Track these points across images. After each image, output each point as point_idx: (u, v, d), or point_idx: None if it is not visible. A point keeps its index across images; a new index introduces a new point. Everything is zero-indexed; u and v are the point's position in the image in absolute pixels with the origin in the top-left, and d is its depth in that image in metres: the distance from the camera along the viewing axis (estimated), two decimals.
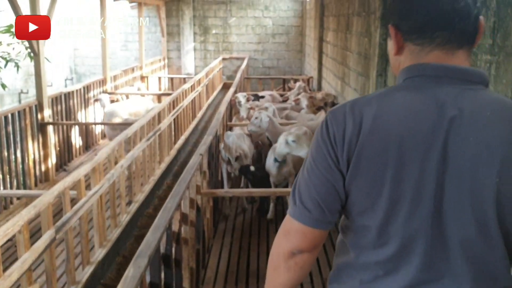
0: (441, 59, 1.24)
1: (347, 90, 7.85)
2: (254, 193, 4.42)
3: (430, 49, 1.25)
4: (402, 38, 1.29)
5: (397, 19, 1.29)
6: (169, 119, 7.72)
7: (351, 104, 1.27)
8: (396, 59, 1.33)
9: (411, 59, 1.28)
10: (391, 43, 1.35)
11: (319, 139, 1.28)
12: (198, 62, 17.45)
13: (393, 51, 1.32)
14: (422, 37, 1.25)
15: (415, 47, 1.27)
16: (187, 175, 3.86)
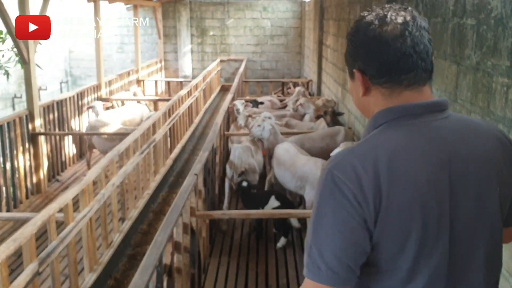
0: (413, 98, 1.32)
1: (348, 97, 7.62)
2: (252, 215, 4.19)
3: (400, 91, 1.32)
4: (369, 81, 1.36)
5: (362, 64, 1.36)
6: (165, 129, 7.47)
7: (353, 155, 1.28)
8: (364, 99, 1.39)
9: (384, 100, 1.34)
10: (354, 84, 1.41)
11: (333, 201, 1.25)
12: (195, 64, 17.20)
13: (361, 93, 1.38)
14: (390, 80, 1.32)
15: (385, 90, 1.34)
16: (180, 200, 3.63)
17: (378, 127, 1.33)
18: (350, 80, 1.44)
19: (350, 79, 1.44)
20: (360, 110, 1.46)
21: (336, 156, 1.29)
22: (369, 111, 1.39)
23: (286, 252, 5.49)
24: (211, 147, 5.20)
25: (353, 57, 1.39)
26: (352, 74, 1.40)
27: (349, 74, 1.43)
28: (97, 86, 10.29)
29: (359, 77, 1.36)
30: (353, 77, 1.40)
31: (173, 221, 3.28)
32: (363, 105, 1.42)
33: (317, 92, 11.25)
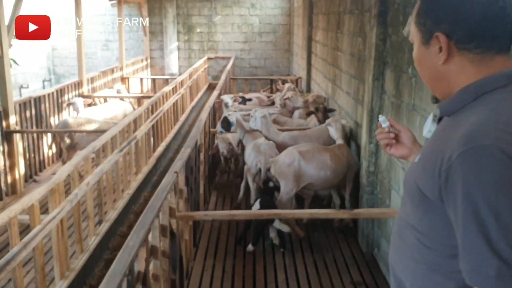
0: (506, 64, 1.23)
1: (338, 93, 7.32)
2: (237, 216, 3.87)
3: (491, 57, 1.23)
4: (454, 47, 1.24)
5: (449, 27, 1.25)
6: (147, 126, 7.11)
7: (503, 124, 1.11)
8: (442, 68, 1.28)
9: (473, 68, 1.24)
10: (428, 52, 1.30)
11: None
12: (182, 62, 16.82)
13: (441, 60, 1.27)
14: (480, 45, 1.22)
15: (474, 56, 1.24)
16: (157, 200, 3.29)
17: (481, 95, 1.22)
18: (419, 48, 1.33)
19: (420, 46, 1.32)
20: (432, 81, 1.35)
21: (481, 130, 1.11)
22: (448, 81, 1.29)
23: (275, 255, 5.18)
24: (193, 144, 4.87)
25: (436, 19, 1.26)
26: (428, 40, 1.28)
27: (423, 39, 1.30)
28: (78, 83, 9.91)
29: (444, 42, 1.24)
30: (428, 42, 1.28)
31: (148, 223, 2.95)
32: (439, 74, 1.30)
33: (306, 89, 10.94)
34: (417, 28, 1.33)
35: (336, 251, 5.28)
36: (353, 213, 3.83)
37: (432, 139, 1.37)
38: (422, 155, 1.34)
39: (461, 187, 1.09)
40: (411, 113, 4.07)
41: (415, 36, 1.34)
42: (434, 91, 1.37)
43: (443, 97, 1.35)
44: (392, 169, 4.65)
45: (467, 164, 1.08)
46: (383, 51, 4.88)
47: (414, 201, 1.33)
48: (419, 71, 1.39)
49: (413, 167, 1.38)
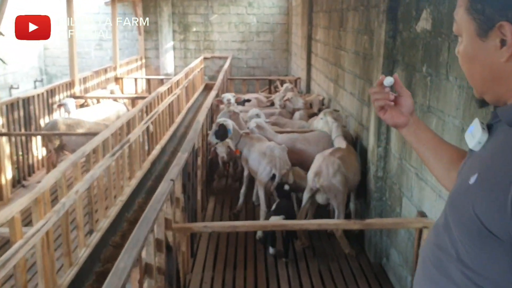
0: None
1: (341, 93, 7.01)
2: (240, 228, 3.56)
3: None
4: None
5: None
6: (141, 128, 6.77)
7: None
8: (505, 66, 1.03)
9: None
10: (485, 46, 1.05)
11: None
12: (177, 61, 16.47)
13: (504, 57, 1.02)
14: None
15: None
16: (152, 212, 2.97)
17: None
18: (472, 41, 1.08)
19: (474, 39, 1.07)
20: (486, 82, 1.09)
21: None
22: (508, 83, 1.05)
23: (278, 265, 4.87)
24: (191, 147, 4.55)
25: (500, 5, 1.01)
26: (487, 31, 1.04)
27: (480, 31, 1.05)
28: (70, 83, 9.55)
29: (510, 32, 0.99)
30: (486, 34, 1.04)
31: (141, 240, 2.63)
32: (499, 74, 1.05)
33: (306, 90, 10.64)
34: (470, 17, 1.06)
35: (342, 261, 5.00)
36: (365, 223, 3.52)
37: (492, 155, 1.07)
38: (480, 176, 1.05)
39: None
40: (426, 115, 3.77)
41: (465, 26, 1.09)
42: (485, 93, 1.11)
43: (495, 101, 1.11)
44: (403, 174, 4.35)
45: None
46: (392, 48, 4.58)
47: (470, 235, 1.04)
48: (466, 70, 1.13)
49: (467, 189, 1.08)
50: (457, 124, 3.21)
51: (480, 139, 1.14)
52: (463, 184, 1.11)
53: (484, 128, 1.14)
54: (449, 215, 1.14)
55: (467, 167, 1.16)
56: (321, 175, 4.76)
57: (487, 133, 1.13)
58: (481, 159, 1.10)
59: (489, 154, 1.08)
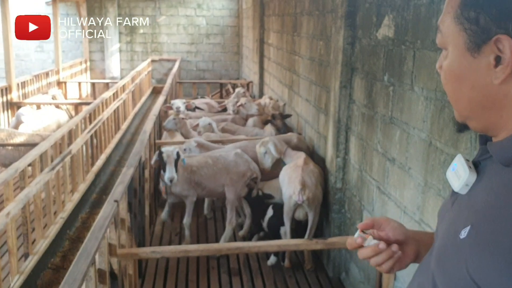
0: None
1: (296, 99, 6.80)
2: (192, 252, 3.23)
3: None
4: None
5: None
6: (84, 138, 6.30)
7: None
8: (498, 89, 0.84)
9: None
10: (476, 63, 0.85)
11: None
12: (124, 64, 15.88)
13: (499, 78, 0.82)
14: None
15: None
16: (93, 241, 2.61)
17: None
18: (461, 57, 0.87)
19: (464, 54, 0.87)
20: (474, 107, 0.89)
21: None
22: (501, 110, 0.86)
23: (232, 283, 4.59)
24: (137, 161, 4.18)
25: (498, 14, 0.81)
26: (480, 45, 0.84)
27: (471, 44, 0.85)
28: (6, 88, 8.90)
29: (510, 49, 0.79)
30: (479, 49, 0.84)
31: (80, 277, 2.27)
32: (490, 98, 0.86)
33: (259, 94, 10.40)
34: (459, 27, 0.86)
35: (300, 276, 4.78)
36: (327, 242, 3.28)
37: (487, 202, 0.85)
38: (475, 229, 0.83)
39: None
40: (389, 126, 3.58)
41: (452, 38, 0.89)
42: (471, 118, 0.92)
43: (482, 129, 0.92)
44: (363, 186, 4.17)
45: None
46: (351, 56, 4.39)
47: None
48: (451, 90, 0.93)
49: (458, 245, 0.86)
50: (424, 138, 3.02)
51: (468, 181, 0.92)
52: (452, 238, 0.88)
53: (471, 166, 0.93)
54: (436, 275, 0.91)
55: (455, 215, 0.94)
56: (307, 187, 4.50)
57: (475, 173, 0.92)
58: (473, 206, 0.88)
59: (483, 201, 0.86)
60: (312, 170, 4.72)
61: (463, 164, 0.94)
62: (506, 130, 0.85)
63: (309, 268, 4.85)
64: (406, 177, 3.29)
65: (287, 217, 4.65)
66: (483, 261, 0.79)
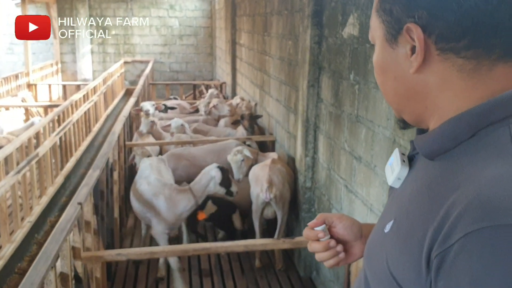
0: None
1: (267, 99, 6.81)
2: (158, 254, 3.20)
3: (491, 64, 0.77)
4: (434, 46, 0.79)
5: (427, 15, 0.79)
6: (52, 140, 6.19)
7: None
8: (415, 79, 0.83)
9: (463, 80, 0.79)
10: (395, 54, 0.85)
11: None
12: (96, 66, 15.69)
13: (413, 67, 0.82)
14: (475, 45, 0.77)
15: (464, 62, 0.78)
16: (53, 245, 2.57)
17: (483, 128, 0.76)
18: (382, 48, 0.88)
19: (384, 46, 0.87)
20: (399, 99, 0.89)
21: (509, 198, 0.65)
22: (424, 100, 0.85)
23: (203, 285, 4.56)
24: (104, 163, 4.13)
25: (407, 4, 0.81)
26: (396, 36, 0.84)
27: (389, 36, 0.85)
28: None
29: (419, 38, 0.79)
30: (396, 40, 0.84)
31: (37, 283, 2.22)
32: (411, 89, 0.85)
33: (232, 95, 10.39)
34: (379, 19, 0.86)
35: (271, 276, 4.78)
36: (294, 241, 3.29)
37: (410, 196, 0.84)
38: (396, 223, 0.83)
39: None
40: (355, 125, 3.60)
41: (376, 31, 0.89)
42: (402, 111, 0.91)
43: (415, 122, 0.91)
44: (332, 185, 4.19)
45: (482, 253, 0.64)
46: (318, 55, 4.41)
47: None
48: (380, 83, 0.92)
49: (382, 239, 0.86)
50: (388, 136, 3.05)
51: (399, 175, 0.91)
52: (379, 232, 0.89)
53: (404, 160, 0.92)
54: (366, 269, 0.92)
55: (385, 210, 0.95)
56: (274, 185, 4.49)
57: (408, 167, 0.91)
58: (399, 200, 0.88)
59: (407, 195, 0.86)
60: (279, 169, 4.72)
61: (397, 158, 0.93)
62: (434, 121, 0.85)
63: (279, 268, 4.85)
64: (372, 175, 3.32)
65: (256, 215, 4.65)
66: (399, 255, 0.78)
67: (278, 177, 4.60)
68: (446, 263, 0.67)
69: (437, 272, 0.69)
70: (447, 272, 0.67)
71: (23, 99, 10.20)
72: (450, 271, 0.67)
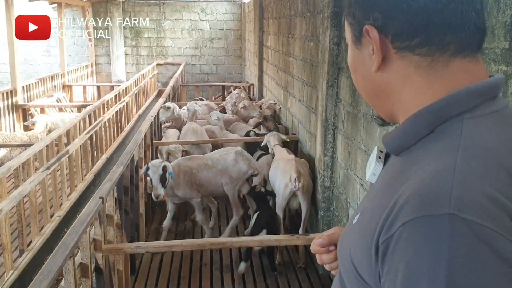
0: (474, 71, 0.83)
1: (291, 100, 6.89)
2: (176, 247, 3.33)
3: (446, 60, 0.82)
4: (391, 45, 0.84)
5: (382, 17, 0.84)
6: (82, 139, 6.43)
7: (479, 180, 0.71)
8: (378, 77, 0.88)
9: (421, 76, 0.84)
10: (361, 54, 0.91)
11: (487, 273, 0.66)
12: (130, 68, 16.07)
13: (374, 65, 0.86)
14: (428, 42, 0.82)
15: (420, 58, 0.83)
16: (72, 236, 2.72)
17: (440, 124, 0.81)
18: (351, 50, 0.94)
19: (353, 46, 0.93)
20: (368, 96, 0.95)
21: (439, 190, 0.71)
22: (388, 97, 0.90)
23: (224, 281, 4.67)
24: (128, 160, 4.29)
25: (365, 7, 0.87)
26: (359, 37, 0.90)
27: (354, 38, 0.91)
28: (11, 91, 9.08)
29: (375, 38, 0.85)
30: (360, 41, 0.90)
31: (55, 269, 2.37)
32: (376, 87, 0.91)
33: (259, 96, 10.50)
34: (347, 23, 0.93)
35: (290, 274, 4.84)
36: (308, 238, 3.36)
37: (377, 189, 0.91)
38: (361, 215, 0.90)
39: (402, 278, 0.70)
40: (370, 124, 3.65)
41: (347, 34, 0.95)
42: (375, 108, 0.97)
43: (388, 117, 0.95)
44: (349, 184, 4.23)
45: (413, 241, 0.69)
46: (337, 55, 4.47)
47: (351, 282, 0.88)
48: (354, 83, 0.98)
49: (350, 230, 0.93)
50: None
51: (374, 170, 0.97)
52: (349, 225, 0.96)
53: (380, 157, 0.98)
54: (339, 261, 0.98)
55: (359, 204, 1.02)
56: (301, 176, 4.68)
57: (382, 163, 0.97)
58: (370, 194, 0.95)
59: (375, 189, 0.92)
60: (303, 162, 5.03)
61: (374, 154, 0.99)
62: (401, 117, 0.89)
63: (300, 265, 4.92)
64: None
65: (281, 207, 4.77)
66: (357, 244, 0.84)
67: (303, 169, 4.81)
68: (389, 250, 0.73)
69: (383, 258, 0.74)
70: (389, 258, 0.73)
71: (58, 99, 10.56)
72: (391, 257, 0.72)
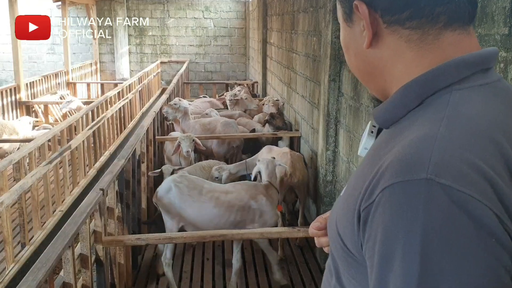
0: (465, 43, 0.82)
1: (294, 96, 6.87)
2: (176, 239, 3.32)
3: (437, 33, 0.81)
4: (381, 20, 0.83)
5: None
6: (85, 134, 6.43)
7: (460, 148, 0.70)
8: (370, 54, 0.87)
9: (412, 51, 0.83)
10: (353, 32, 0.89)
11: (462, 239, 0.65)
12: (134, 66, 16.09)
13: (366, 42, 0.86)
14: (417, 15, 0.81)
15: (410, 32, 0.82)
16: (72, 226, 2.72)
17: (430, 96, 0.80)
18: (345, 27, 0.92)
19: (345, 24, 0.92)
20: (361, 75, 0.94)
21: (417, 156, 0.70)
22: (381, 73, 0.88)
23: (225, 276, 4.66)
24: (129, 154, 4.29)
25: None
26: (350, 15, 0.89)
27: (345, 15, 0.91)
28: (15, 88, 9.10)
29: (364, 14, 0.84)
30: (351, 19, 0.89)
31: (53, 257, 2.37)
32: (368, 64, 0.90)
33: (262, 93, 10.49)
34: (338, 0, 0.92)
35: (292, 268, 4.83)
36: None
37: (362, 162, 0.91)
38: (348, 185, 0.90)
39: (379, 243, 0.70)
40: (372, 117, 3.62)
41: (338, 12, 0.94)
42: (369, 87, 0.96)
43: (381, 95, 0.94)
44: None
45: (390, 207, 0.70)
46: (339, 49, 4.44)
47: (338, 253, 0.88)
48: (347, 62, 0.96)
49: (337, 202, 0.93)
50: None
51: (365, 144, 0.99)
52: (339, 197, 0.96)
53: (373, 132, 0.99)
54: (328, 230, 0.98)
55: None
56: (296, 170, 4.75)
57: (374, 138, 0.98)
58: (357, 168, 0.95)
59: (361, 162, 0.92)
60: (299, 156, 5.17)
61: (367, 129, 1.00)
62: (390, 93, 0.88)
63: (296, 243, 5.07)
64: None
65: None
66: (342, 213, 0.84)
67: (299, 163, 4.87)
68: (370, 216, 0.73)
69: (364, 226, 0.74)
70: (369, 225, 0.73)
71: (61, 96, 10.58)
72: (371, 223, 0.72)
